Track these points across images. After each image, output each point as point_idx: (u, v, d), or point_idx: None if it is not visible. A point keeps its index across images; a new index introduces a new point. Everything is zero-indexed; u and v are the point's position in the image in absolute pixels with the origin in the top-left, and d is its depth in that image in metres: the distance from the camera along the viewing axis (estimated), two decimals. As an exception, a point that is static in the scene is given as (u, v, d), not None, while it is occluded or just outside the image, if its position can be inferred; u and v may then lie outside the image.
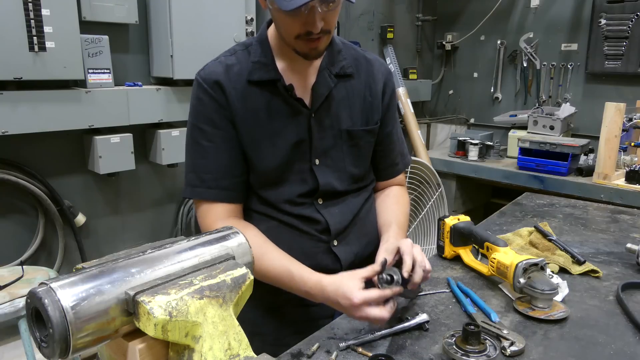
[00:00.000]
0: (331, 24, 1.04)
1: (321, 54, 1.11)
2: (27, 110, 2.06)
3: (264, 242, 1.13)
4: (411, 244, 1.07)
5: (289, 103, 1.14)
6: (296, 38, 1.04)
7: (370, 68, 1.25)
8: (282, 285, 1.10)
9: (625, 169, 2.95)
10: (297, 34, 1.03)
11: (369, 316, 0.97)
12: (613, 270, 1.33)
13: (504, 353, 0.93)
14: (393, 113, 1.32)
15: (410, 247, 1.05)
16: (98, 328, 0.65)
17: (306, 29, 1.01)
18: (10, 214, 2.30)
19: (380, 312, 0.97)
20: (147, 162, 2.68)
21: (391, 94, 1.29)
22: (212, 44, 2.43)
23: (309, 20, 1.00)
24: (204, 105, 1.13)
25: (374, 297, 0.97)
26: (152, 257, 0.74)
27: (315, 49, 1.06)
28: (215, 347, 0.71)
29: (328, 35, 1.06)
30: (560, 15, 3.74)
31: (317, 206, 1.19)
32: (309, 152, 1.17)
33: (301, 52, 1.07)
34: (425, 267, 1.04)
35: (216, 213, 1.15)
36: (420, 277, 1.03)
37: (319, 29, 1.01)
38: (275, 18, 1.08)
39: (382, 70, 1.27)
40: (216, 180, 1.14)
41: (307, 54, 1.07)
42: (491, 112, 4.19)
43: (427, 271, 1.04)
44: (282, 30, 1.07)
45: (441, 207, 3.30)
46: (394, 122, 1.32)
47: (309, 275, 1.06)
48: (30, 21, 1.96)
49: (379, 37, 3.99)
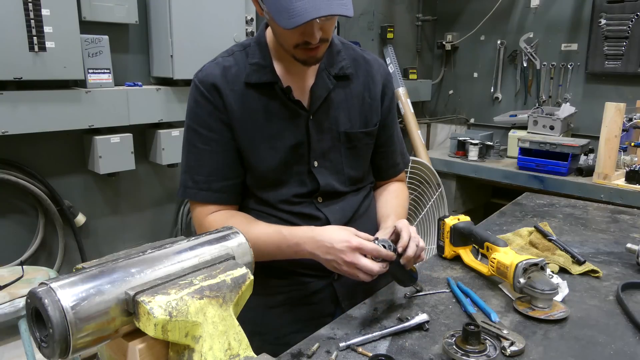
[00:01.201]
0: (329, 32, 1.05)
1: (319, 60, 1.10)
2: (27, 110, 2.06)
3: (252, 218, 1.16)
4: (407, 224, 1.09)
5: (287, 105, 1.14)
6: (295, 47, 1.04)
7: (369, 69, 1.25)
8: (273, 250, 1.11)
9: (625, 169, 2.95)
10: (296, 43, 1.03)
11: (358, 264, 0.99)
12: (613, 270, 1.33)
13: (504, 353, 0.93)
14: (393, 115, 1.32)
15: (407, 226, 1.07)
16: (98, 328, 0.65)
17: (304, 39, 1.02)
18: (10, 214, 2.30)
19: (371, 264, 0.99)
20: (147, 162, 2.68)
21: (391, 96, 1.29)
22: (212, 44, 2.42)
23: (307, 31, 1.00)
24: (200, 108, 1.13)
25: (369, 247, 1.00)
26: (152, 257, 0.74)
27: (314, 57, 1.07)
28: (215, 347, 0.71)
29: (326, 43, 1.07)
30: (560, 15, 3.74)
31: (317, 204, 1.20)
32: (307, 155, 1.17)
33: (300, 59, 1.07)
34: (419, 244, 1.05)
35: (209, 215, 1.17)
36: (414, 251, 1.04)
37: (318, 40, 1.01)
38: (273, 28, 1.08)
39: (381, 71, 1.27)
40: (208, 182, 1.15)
41: (305, 60, 1.07)
42: (491, 112, 4.19)
43: (420, 248, 1.05)
44: (280, 40, 1.07)
45: (441, 207, 3.30)
46: (395, 125, 1.33)
47: (299, 228, 1.10)
48: (30, 21, 1.96)
49: (379, 37, 3.99)
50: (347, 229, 1.05)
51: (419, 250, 1.05)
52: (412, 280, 1.13)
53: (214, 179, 1.15)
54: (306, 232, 1.08)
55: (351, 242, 0.99)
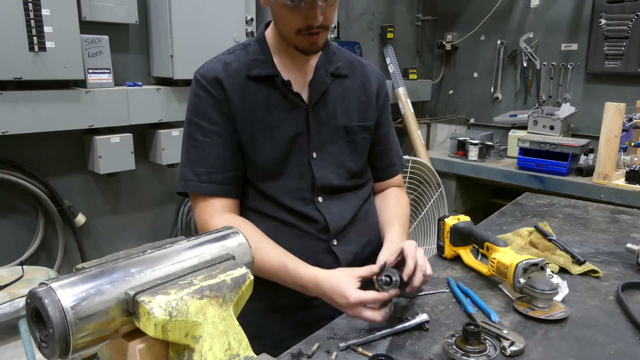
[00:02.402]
0: (329, 19, 1.08)
1: (320, 49, 1.14)
2: (27, 110, 2.06)
3: (260, 235, 1.14)
4: (415, 246, 1.07)
5: (287, 98, 1.16)
6: (296, 33, 1.07)
7: (364, 70, 1.29)
8: (277, 279, 1.11)
9: (625, 169, 2.95)
10: (298, 28, 1.06)
11: (361, 316, 0.99)
12: (613, 270, 1.33)
13: (504, 353, 0.93)
14: (388, 115, 1.36)
15: (414, 250, 1.06)
16: (98, 328, 0.65)
17: (307, 23, 1.05)
18: (10, 214, 2.30)
19: (373, 315, 0.98)
20: (147, 162, 2.68)
21: (385, 97, 1.33)
22: (212, 44, 2.42)
23: (310, 14, 1.03)
24: (201, 101, 1.15)
25: (369, 298, 0.98)
26: (152, 257, 0.74)
27: (314, 44, 1.10)
28: (215, 347, 0.71)
29: (326, 32, 1.10)
30: (560, 15, 3.74)
31: (317, 204, 1.20)
32: (307, 145, 1.18)
33: (300, 48, 1.11)
34: (425, 272, 1.04)
35: (212, 208, 1.16)
36: (420, 282, 1.03)
37: (320, 22, 1.05)
38: (276, 14, 1.10)
39: (376, 73, 1.32)
40: (209, 174, 1.15)
41: (306, 49, 1.11)
42: (491, 112, 4.19)
43: (427, 276, 1.04)
44: (282, 26, 1.10)
45: (441, 207, 3.30)
46: (390, 124, 1.37)
47: (304, 270, 1.07)
48: (30, 21, 1.96)
49: (379, 37, 3.99)
50: (349, 275, 1.02)
51: (425, 278, 1.04)
52: (415, 294, 1.13)
53: (214, 171, 1.15)
54: (311, 279, 1.05)
55: (349, 300, 0.98)
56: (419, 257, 1.05)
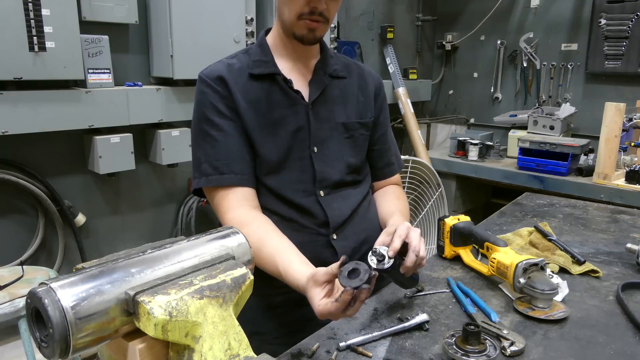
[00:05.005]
0: (332, 12, 1.14)
1: (317, 40, 1.19)
2: (27, 110, 2.06)
3: (261, 238, 1.10)
4: (407, 227, 1.06)
5: (288, 95, 1.20)
6: (298, 18, 1.12)
7: (361, 72, 1.34)
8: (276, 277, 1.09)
9: (625, 169, 2.95)
10: (301, 12, 1.11)
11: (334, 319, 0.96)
12: (613, 270, 1.33)
13: (504, 353, 0.93)
14: (386, 116, 1.40)
15: (405, 230, 1.04)
16: (98, 328, 0.65)
17: (311, 6, 1.10)
18: (10, 214, 2.30)
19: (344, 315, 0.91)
20: (147, 162, 2.68)
21: (383, 98, 1.38)
22: (212, 44, 2.43)
23: None
24: (208, 97, 1.18)
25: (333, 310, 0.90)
26: (152, 257, 0.74)
27: (313, 31, 1.14)
28: (215, 347, 0.71)
29: (326, 25, 1.16)
30: (560, 15, 3.74)
31: (318, 197, 1.21)
32: (307, 140, 1.21)
33: (299, 34, 1.15)
34: (418, 253, 1.02)
35: (232, 199, 1.16)
36: (412, 262, 1.02)
37: (323, 7, 1.10)
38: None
39: (373, 75, 1.37)
40: (229, 165, 1.16)
41: (304, 35, 1.15)
42: (491, 112, 4.19)
43: (420, 257, 1.03)
44: (285, 10, 1.14)
45: (441, 207, 3.30)
46: (387, 125, 1.40)
47: (292, 275, 1.02)
48: (30, 21, 1.96)
49: (379, 37, 3.99)
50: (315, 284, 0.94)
51: (418, 259, 1.03)
52: (414, 283, 1.13)
53: (233, 161, 1.16)
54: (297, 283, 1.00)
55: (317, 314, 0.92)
56: (413, 237, 1.03)
